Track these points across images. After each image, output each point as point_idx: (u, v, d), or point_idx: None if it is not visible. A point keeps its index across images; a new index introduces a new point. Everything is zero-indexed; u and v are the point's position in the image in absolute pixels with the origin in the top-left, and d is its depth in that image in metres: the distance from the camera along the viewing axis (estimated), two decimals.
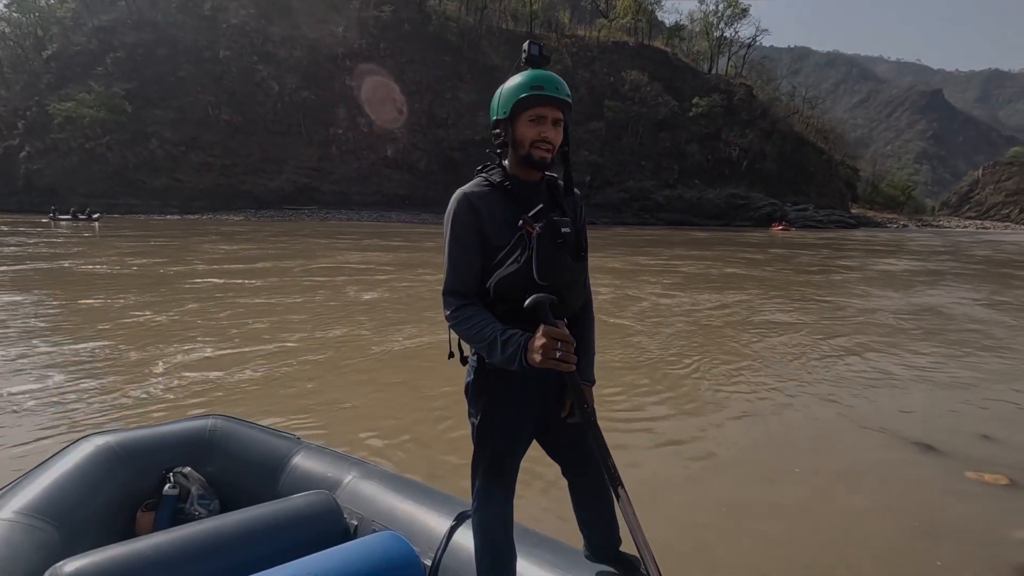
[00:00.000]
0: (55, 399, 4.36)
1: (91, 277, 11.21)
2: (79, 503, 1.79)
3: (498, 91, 1.38)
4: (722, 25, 71.06)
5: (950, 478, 3.52)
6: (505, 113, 1.34)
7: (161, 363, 5.34)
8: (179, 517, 1.95)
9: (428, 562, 1.72)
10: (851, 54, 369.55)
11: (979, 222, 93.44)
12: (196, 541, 1.58)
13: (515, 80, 1.34)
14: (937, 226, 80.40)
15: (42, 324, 6.93)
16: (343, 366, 5.48)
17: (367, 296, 9.77)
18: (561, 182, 1.48)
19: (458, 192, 1.36)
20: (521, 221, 1.31)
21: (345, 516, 1.95)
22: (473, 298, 1.34)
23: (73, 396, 4.42)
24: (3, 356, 5.50)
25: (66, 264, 13.14)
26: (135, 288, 9.84)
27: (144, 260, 14.43)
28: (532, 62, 1.36)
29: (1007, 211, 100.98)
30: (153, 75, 49.54)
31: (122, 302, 8.48)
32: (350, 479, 2.11)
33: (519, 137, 1.35)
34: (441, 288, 1.37)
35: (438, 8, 57.73)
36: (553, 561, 1.65)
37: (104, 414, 4.05)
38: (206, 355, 5.67)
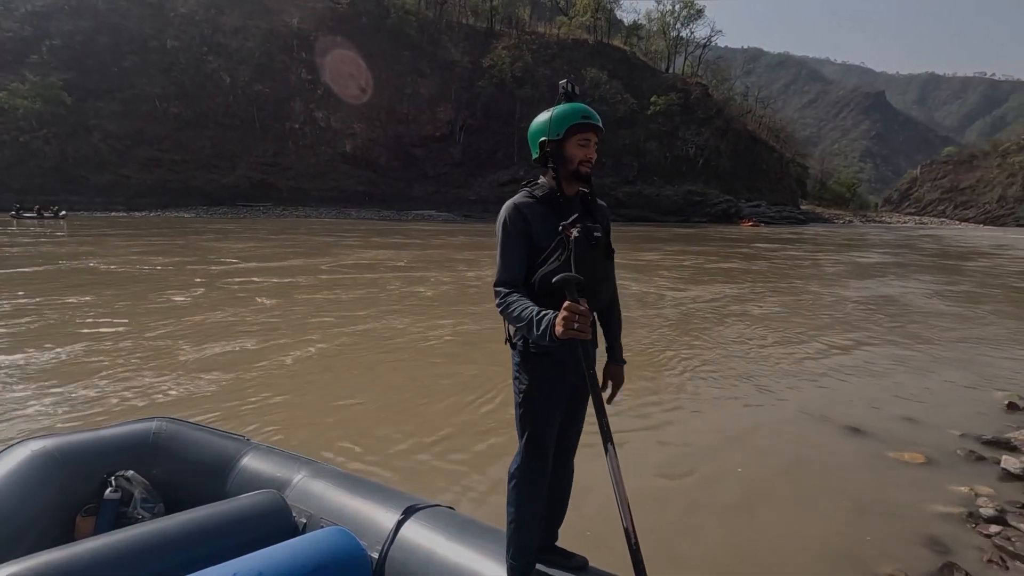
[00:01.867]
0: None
1: (135, 278, 10.91)
2: (12, 510, 1.75)
3: (546, 117, 1.64)
4: (678, 25, 72.58)
5: (876, 459, 3.78)
6: (558, 135, 1.61)
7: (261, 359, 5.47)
8: (121, 521, 1.93)
9: (375, 555, 1.77)
10: (801, 56, 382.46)
11: (918, 218, 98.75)
12: (137, 542, 1.58)
13: (563, 109, 1.62)
14: (879, 222, 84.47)
15: (117, 326, 6.81)
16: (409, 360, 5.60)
17: (429, 292, 10.19)
18: (588, 195, 1.74)
19: (509, 203, 1.64)
20: (561, 226, 1.56)
21: (294, 514, 1.97)
22: (518, 288, 1.59)
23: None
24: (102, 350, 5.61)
25: (92, 264, 12.71)
26: (194, 287, 9.87)
27: (166, 259, 14.06)
28: (568, 97, 1.64)
29: (942, 207, 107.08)
30: (94, 65, 47.06)
31: (190, 301, 8.57)
32: (300, 478, 2.13)
33: (569, 156, 1.63)
34: (493, 281, 1.64)
35: (397, 1, 56.83)
36: (498, 551, 1.73)
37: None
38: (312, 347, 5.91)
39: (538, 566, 1.70)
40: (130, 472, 2.05)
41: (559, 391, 1.66)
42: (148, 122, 47.12)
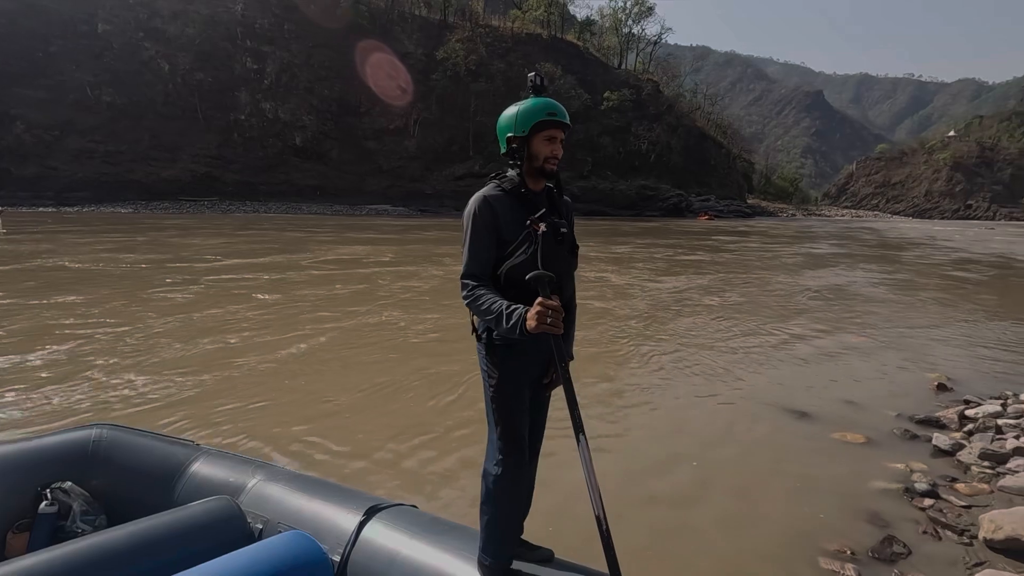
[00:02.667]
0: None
1: (119, 276, 10.36)
2: None
3: (512, 112, 1.63)
4: (630, 22, 73.71)
5: (821, 441, 3.98)
6: (524, 131, 1.61)
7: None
8: (59, 536, 1.81)
9: (336, 558, 1.72)
10: (746, 55, 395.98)
11: (854, 211, 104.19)
12: (76, 558, 1.47)
13: (529, 104, 1.62)
14: (820, 215, 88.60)
15: (114, 326, 6.38)
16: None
17: (425, 286, 10.39)
18: (555, 190, 1.75)
19: (478, 195, 1.63)
20: (529, 221, 1.57)
21: (249, 520, 1.89)
22: (486, 280, 1.58)
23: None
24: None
25: (64, 262, 11.95)
26: (185, 284, 9.59)
27: (139, 256, 13.40)
28: (536, 90, 1.63)
29: (876, 201, 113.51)
30: (17, 50, 43.71)
31: (190, 298, 8.40)
32: (255, 482, 2.05)
33: (535, 152, 1.63)
34: (460, 273, 1.62)
35: None
36: (462, 547, 1.72)
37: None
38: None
39: None
40: (68, 483, 1.92)
41: (526, 382, 1.67)
42: (79, 111, 44.24)
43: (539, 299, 1.42)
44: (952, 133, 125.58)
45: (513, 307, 1.47)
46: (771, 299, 10.15)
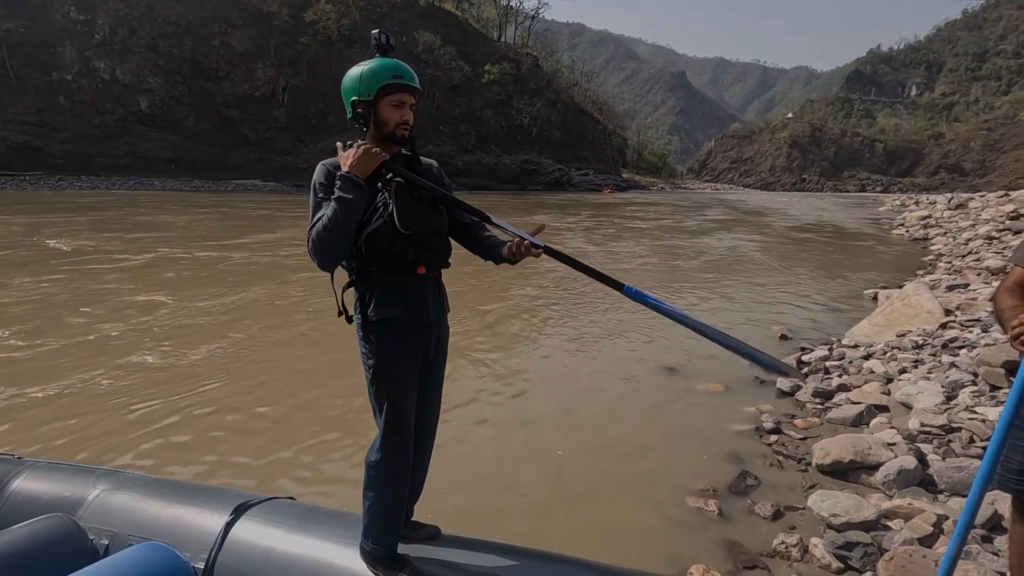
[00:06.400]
0: None
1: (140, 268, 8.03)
2: None
3: (356, 73, 1.55)
4: None
5: (687, 392, 4.37)
6: (369, 95, 1.54)
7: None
8: None
9: (200, 565, 1.57)
10: (618, 34, 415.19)
11: (714, 184, 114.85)
12: None
13: (373, 65, 1.54)
14: (686, 188, 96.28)
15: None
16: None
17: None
18: (411, 155, 1.66)
19: (320, 165, 1.57)
20: (380, 183, 1.53)
21: (92, 537, 1.67)
22: None
23: None
24: None
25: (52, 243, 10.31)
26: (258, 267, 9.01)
27: (73, 241, 11.58)
28: (382, 50, 1.56)
29: (731, 175, 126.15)
30: None
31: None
32: (97, 494, 1.81)
33: (383, 118, 1.56)
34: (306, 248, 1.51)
35: None
36: (343, 535, 1.64)
37: None
38: None
39: None
40: None
41: (409, 361, 1.59)
42: None
43: (355, 147, 1.48)
44: (790, 115, 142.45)
45: (334, 191, 1.46)
46: (665, 261, 11.32)
